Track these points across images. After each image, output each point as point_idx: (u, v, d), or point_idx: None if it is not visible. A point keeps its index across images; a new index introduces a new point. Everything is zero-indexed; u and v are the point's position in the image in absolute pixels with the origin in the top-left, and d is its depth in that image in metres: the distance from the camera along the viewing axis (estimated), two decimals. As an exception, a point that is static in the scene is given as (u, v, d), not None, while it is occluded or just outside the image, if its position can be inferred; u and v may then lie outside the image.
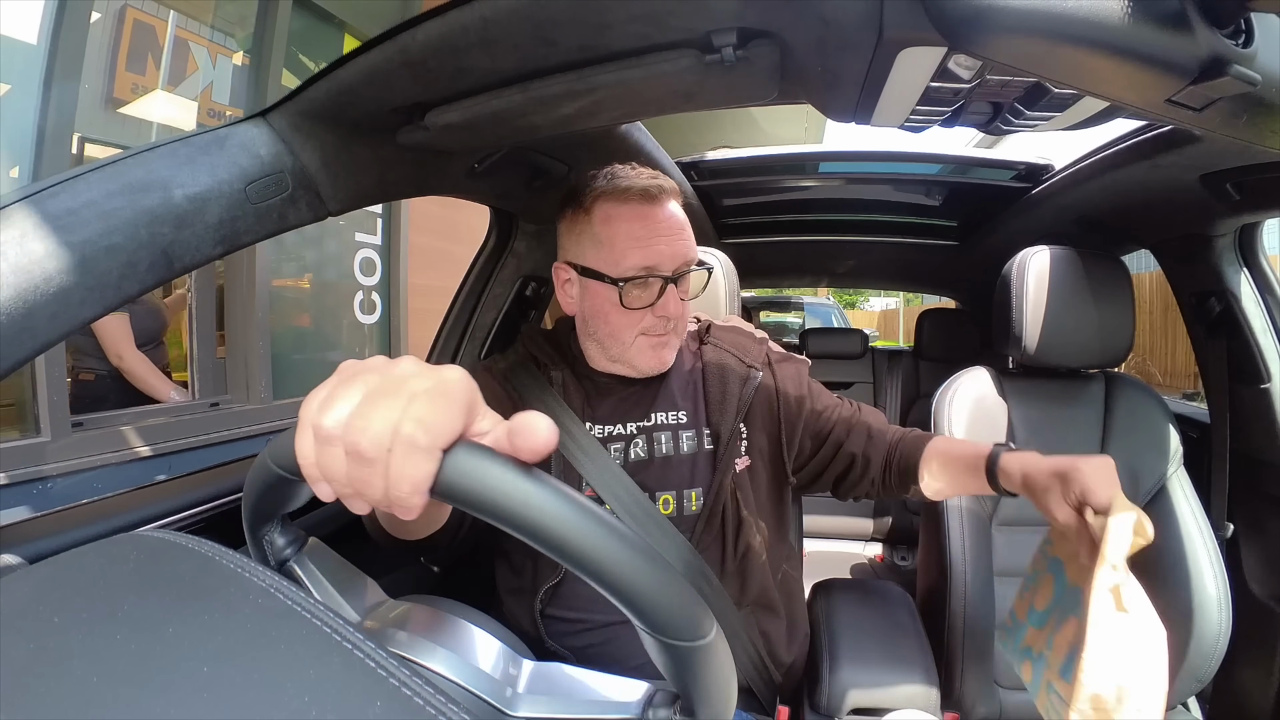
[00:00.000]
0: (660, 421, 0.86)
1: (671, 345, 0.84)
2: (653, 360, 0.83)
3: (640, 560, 0.31)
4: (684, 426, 0.87)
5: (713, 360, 0.90)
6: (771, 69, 0.60)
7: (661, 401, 0.87)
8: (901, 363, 2.48)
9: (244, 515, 0.41)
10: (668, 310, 0.80)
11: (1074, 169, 1.20)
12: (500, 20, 0.55)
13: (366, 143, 0.74)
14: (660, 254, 0.78)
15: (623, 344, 0.82)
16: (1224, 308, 1.16)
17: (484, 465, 0.29)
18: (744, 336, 0.95)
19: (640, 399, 0.87)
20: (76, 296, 0.53)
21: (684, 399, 0.89)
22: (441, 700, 0.24)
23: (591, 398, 0.86)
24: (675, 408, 0.88)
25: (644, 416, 0.86)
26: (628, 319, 0.80)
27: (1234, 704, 1.16)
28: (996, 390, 1.19)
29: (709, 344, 0.93)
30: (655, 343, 0.82)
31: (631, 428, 0.85)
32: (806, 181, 1.65)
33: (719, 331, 0.95)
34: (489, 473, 0.29)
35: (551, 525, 0.29)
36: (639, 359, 0.83)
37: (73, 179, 0.55)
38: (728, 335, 0.94)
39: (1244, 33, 0.44)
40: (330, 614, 0.27)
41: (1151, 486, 1.11)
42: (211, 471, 0.85)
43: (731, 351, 0.91)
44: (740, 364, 0.90)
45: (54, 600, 0.28)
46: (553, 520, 0.29)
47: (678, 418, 0.87)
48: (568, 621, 0.82)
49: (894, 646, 0.97)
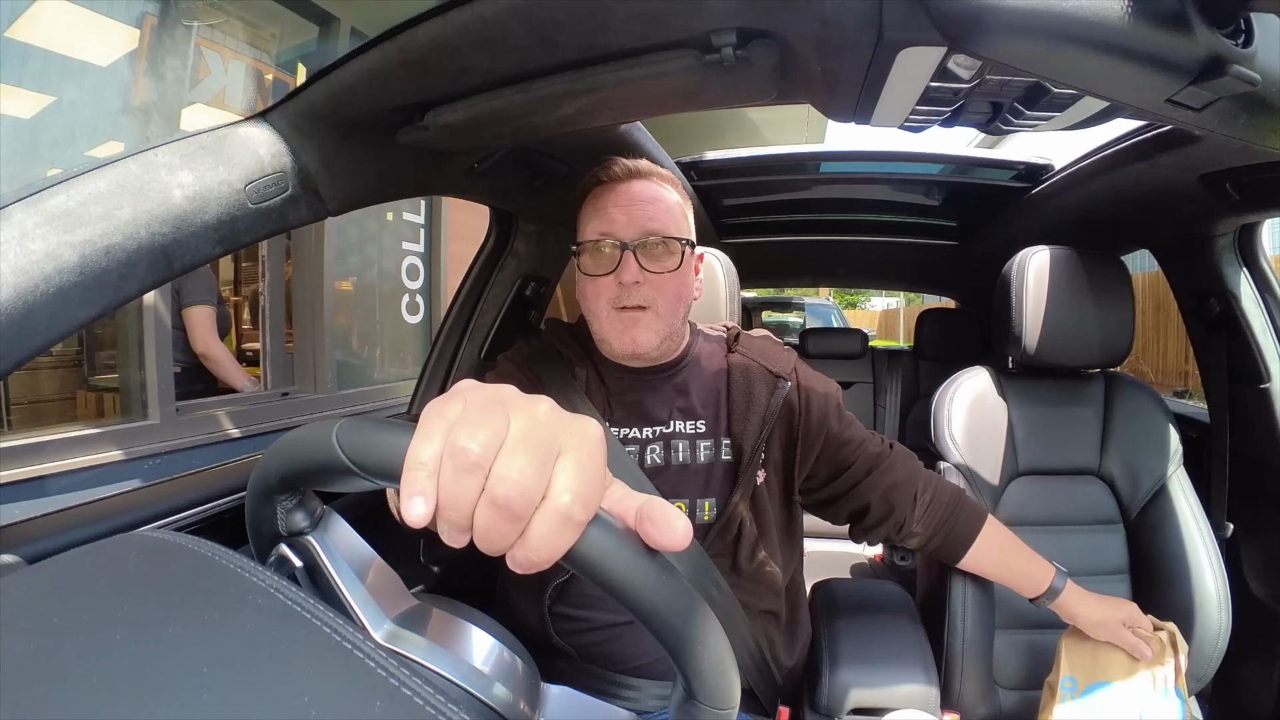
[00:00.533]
0: (678, 429, 0.86)
1: (645, 325, 0.81)
2: (624, 339, 0.81)
3: (711, 636, 0.33)
4: (702, 436, 0.86)
5: (739, 368, 0.89)
6: (771, 69, 0.60)
7: (680, 407, 0.87)
8: (901, 363, 2.48)
9: (259, 478, 0.38)
10: (622, 275, 0.79)
11: (1074, 169, 1.20)
12: (500, 20, 0.55)
13: (366, 142, 0.74)
14: (615, 220, 0.80)
15: (598, 319, 0.82)
16: (1224, 308, 1.16)
17: (620, 549, 0.30)
18: (773, 346, 0.93)
19: (659, 402, 0.87)
20: (76, 296, 0.53)
21: (705, 406, 0.88)
22: (441, 700, 0.24)
23: (612, 397, 0.86)
24: (695, 416, 0.87)
25: (663, 421, 0.86)
26: (594, 288, 0.82)
27: (1234, 703, 1.16)
28: (996, 390, 1.19)
29: (737, 352, 0.91)
30: (624, 319, 0.81)
31: (648, 432, 0.85)
32: (807, 181, 1.65)
33: (748, 340, 0.93)
34: (621, 557, 0.30)
35: (658, 611, 0.32)
36: (612, 336, 0.82)
37: (72, 179, 0.55)
38: (756, 344, 0.92)
39: (1244, 32, 0.44)
40: (331, 614, 0.27)
41: (1151, 486, 1.11)
42: (211, 472, 0.84)
43: (759, 361, 0.89)
44: (768, 374, 0.88)
45: (53, 600, 0.28)
46: (662, 608, 0.32)
47: (696, 427, 0.86)
48: (574, 619, 0.82)
49: (894, 646, 0.97)
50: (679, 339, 0.88)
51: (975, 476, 1.13)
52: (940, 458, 1.15)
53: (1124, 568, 1.12)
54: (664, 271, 0.81)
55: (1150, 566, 1.09)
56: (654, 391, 0.87)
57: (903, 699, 0.90)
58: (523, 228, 1.27)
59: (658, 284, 0.81)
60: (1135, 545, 1.12)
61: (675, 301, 0.83)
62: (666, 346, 0.85)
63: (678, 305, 0.83)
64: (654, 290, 0.81)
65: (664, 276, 0.81)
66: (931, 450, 1.19)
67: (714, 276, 1.15)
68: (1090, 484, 1.16)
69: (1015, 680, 1.08)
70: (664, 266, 0.81)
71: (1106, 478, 1.16)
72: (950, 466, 1.14)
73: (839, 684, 0.91)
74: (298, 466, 0.35)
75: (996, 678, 1.08)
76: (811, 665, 0.96)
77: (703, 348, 0.92)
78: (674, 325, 0.84)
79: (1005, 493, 1.15)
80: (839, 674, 0.92)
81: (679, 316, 0.84)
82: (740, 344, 0.92)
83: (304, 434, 0.35)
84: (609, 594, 0.31)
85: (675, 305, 0.83)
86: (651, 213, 0.81)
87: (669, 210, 0.83)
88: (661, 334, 0.82)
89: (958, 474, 1.13)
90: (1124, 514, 1.14)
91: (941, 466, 1.14)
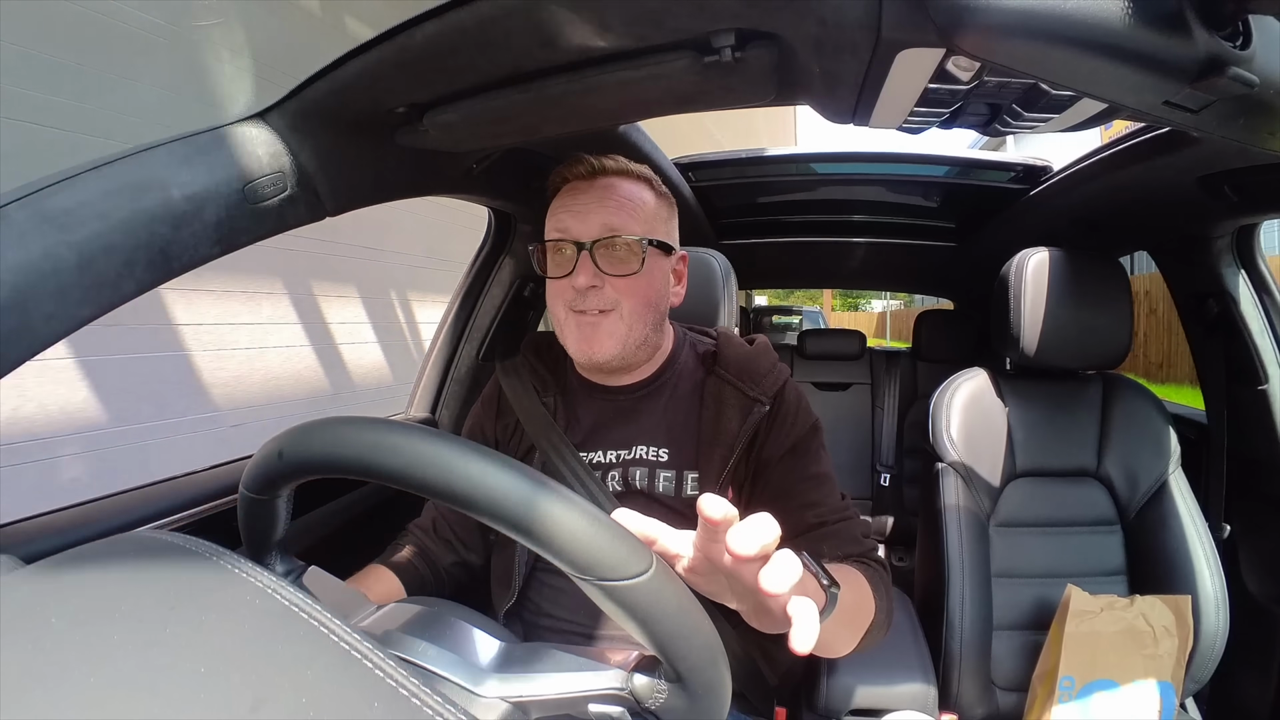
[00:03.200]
0: (640, 456, 0.81)
1: (605, 330, 0.76)
2: (581, 345, 0.77)
3: (552, 500, 0.32)
4: (663, 465, 0.81)
5: (713, 394, 0.82)
6: (770, 70, 0.60)
7: (645, 432, 0.82)
8: (900, 364, 2.48)
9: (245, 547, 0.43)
10: (575, 279, 0.74)
11: (1072, 170, 1.20)
12: (499, 20, 0.54)
13: (365, 143, 0.74)
14: (572, 218, 0.77)
15: (558, 322, 0.79)
16: (1222, 309, 1.16)
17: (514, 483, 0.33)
18: (760, 363, 0.84)
19: (624, 424, 0.83)
20: (75, 296, 0.53)
21: (671, 433, 0.82)
22: (439, 701, 0.24)
23: (576, 420, 0.84)
24: (657, 443, 0.82)
25: (624, 445, 0.82)
26: (554, 290, 0.79)
27: (1232, 704, 1.16)
28: (994, 391, 1.19)
29: (715, 374, 0.83)
30: (582, 323, 0.76)
31: (611, 456, 0.82)
32: (806, 182, 1.65)
33: (730, 357, 0.85)
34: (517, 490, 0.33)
35: (464, 487, 0.33)
36: (570, 342, 0.78)
37: (70, 179, 0.55)
38: (740, 362, 0.84)
39: (1242, 35, 0.44)
40: (327, 615, 0.27)
41: (1149, 488, 1.12)
42: (210, 472, 0.84)
43: (736, 384, 0.81)
44: (743, 399, 0.80)
45: (52, 601, 0.28)
46: (470, 482, 0.33)
47: (658, 454, 0.81)
48: (541, 628, 0.82)
49: (892, 647, 0.97)
50: (651, 349, 0.82)
51: (973, 478, 1.13)
52: (938, 459, 1.16)
53: (1122, 569, 1.13)
54: (624, 275, 0.75)
55: (1148, 568, 1.09)
56: (620, 413, 0.84)
57: (900, 700, 0.90)
58: (521, 228, 1.27)
59: (620, 286, 0.76)
60: (1133, 546, 1.13)
61: (642, 307, 0.77)
62: (636, 356, 0.80)
63: (645, 311, 0.78)
64: (616, 293, 0.76)
65: (625, 280, 0.76)
66: (929, 451, 1.19)
67: (712, 277, 1.15)
68: (1088, 485, 1.16)
69: (1013, 681, 1.08)
70: (624, 269, 0.75)
71: (1104, 479, 1.16)
72: (948, 467, 1.14)
73: (837, 685, 0.91)
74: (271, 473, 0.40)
75: (994, 678, 1.08)
76: (809, 666, 0.96)
77: (685, 365, 0.87)
78: (641, 333, 0.78)
79: (1003, 494, 1.15)
80: (837, 675, 0.92)
81: (647, 324, 0.78)
82: (720, 363, 0.84)
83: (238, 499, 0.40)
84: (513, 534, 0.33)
85: (643, 311, 0.77)
86: (614, 210, 0.76)
87: (636, 209, 0.78)
88: (624, 341, 0.77)
89: (955, 475, 1.13)
90: (1122, 515, 1.14)
91: (940, 468, 1.15)
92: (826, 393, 2.48)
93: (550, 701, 0.40)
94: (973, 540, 1.10)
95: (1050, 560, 0.97)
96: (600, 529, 0.33)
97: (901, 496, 2.37)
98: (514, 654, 0.43)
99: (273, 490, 0.40)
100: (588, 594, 0.34)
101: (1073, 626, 0.95)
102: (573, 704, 0.40)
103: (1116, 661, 0.93)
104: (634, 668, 0.40)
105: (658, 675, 0.39)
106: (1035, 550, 0.97)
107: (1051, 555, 0.99)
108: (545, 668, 0.41)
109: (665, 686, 0.39)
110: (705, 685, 0.37)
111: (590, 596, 0.34)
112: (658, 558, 0.35)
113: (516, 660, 0.42)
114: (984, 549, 1.10)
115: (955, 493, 1.12)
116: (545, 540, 0.32)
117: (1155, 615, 0.94)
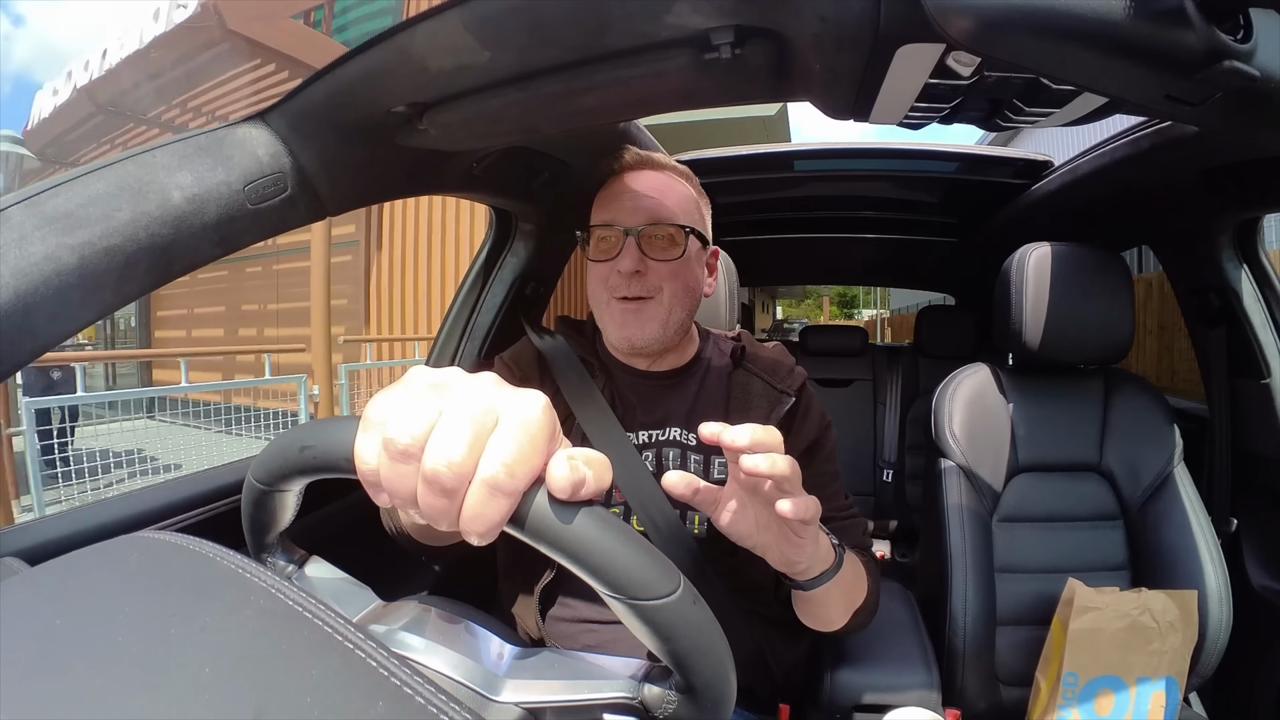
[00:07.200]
0: (673, 438, 0.84)
1: (647, 315, 0.79)
2: (622, 331, 0.80)
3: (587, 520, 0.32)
4: (693, 449, 0.83)
5: (740, 384, 0.85)
6: (769, 67, 0.60)
7: (676, 415, 0.85)
8: (902, 360, 2.48)
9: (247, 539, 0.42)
10: (621, 263, 0.77)
11: (1073, 165, 1.20)
12: (499, 20, 0.55)
13: (365, 143, 0.74)
14: (620, 207, 0.80)
15: (600, 307, 0.82)
16: (1223, 303, 1.16)
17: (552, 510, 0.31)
18: (783, 361, 0.89)
19: (659, 406, 0.85)
20: (76, 298, 0.53)
21: (700, 417, 0.83)
22: (444, 700, 0.24)
23: (614, 398, 0.85)
24: (688, 427, 0.84)
25: (658, 426, 0.84)
26: (597, 274, 0.81)
27: (1235, 699, 1.16)
28: (996, 387, 1.19)
29: (742, 366, 0.87)
30: (624, 309, 0.79)
31: (644, 436, 0.84)
32: (806, 179, 1.65)
33: (755, 354, 0.89)
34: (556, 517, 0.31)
35: (594, 561, 0.32)
36: (611, 327, 0.81)
37: (71, 180, 0.55)
38: (764, 359, 0.88)
39: (1242, 28, 0.44)
40: (332, 614, 0.28)
41: (1152, 482, 1.12)
42: (211, 472, 0.85)
43: (764, 377, 0.85)
44: (770, 390, 0.84)
45: (55, 602, 0.28)
46: (595, 555, 0.32)
47: (687, 438, 0.83)
48: (570, 622, 0.82)
49: (895, 643, 0.97)
50: (684, 334, 0.85)
51: (975, 473, 1.13)
52: (941, 455, 1.16)
53: (1124, 563, 1.13)
54: (668, 260, 0.79)
55: (1151, 562, 1.09)
56: (654, 395, 0.86)
57: (904, 695, 0.91)
58: (522, 227, 1.27)
59: (662, 273, 0.79)
60: (1136, 541, 1.13)
61: (683, 292, 0.81)
62: (671, 342, 0.83)
63: (685, 296, 0.81)
64: (658, 279, 0.79)
65: (668, 265, 0.79)
66: (932, 447, 1.19)
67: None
68: (1091, 480, 1.16)
69: (1016, 675, 1.08)
70: (668, 255, 0.79)
71: (1107, 473, 1.16)
72: (950, 463, 1.14)
73: (841, 681, 0.91)
74: (277, 471, 0.39)
75: (998, 674, 1.08)
76: (813, 662, 0.96)
77: (714, 356, 0.90)
78: (680, 317, 0.81)
79: (1006, 489, 1.15)
80: (840, 671, 0.92)
81: (686, 309, 0.82)
82: (747, 358, 0.88)
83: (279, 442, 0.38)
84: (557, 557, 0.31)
85: (682, 296, 0.81)
86: (658, 200, 0.80)
87: (679, 200, 0.82)
88: (664, 324, 0.80)
89: (958, 470, 1.13)
90: (1124, 510, 1.14)
91: (942, 464, 1.15)
92: (829, 389, 2.47)
93: (562, 708, 0.40)
94: (975, 535, 1.10)
95: (1053, 555, 0.97)
96: (635, 552, 0.33)
97: (903, 493, 2.37)
98: (526, 659, 0.43)
99: (284, 484, 0.39)
100: (613, 610, 0.34)
101: (1076, 623, 0.95)
102: (585, 712, 0.40)
103: (1121, 658, 0.93)
104: (645, 678, 0.41)
105: (668, 686, 0.40)
106: (1038, 545, 0.97)
107: (1054, 550, 0.99)
108: (557, 674, 0.42)
109: (675, 697, 0.39)
110: (715, 698, 0.37)
111: (615, 612, 0.34)
112: (684, 579, 0.35)
113: (528, 666, 0.42)
114: (986, 544, 1.10)
115: (958, 488, 1.12)
116: (580, 559, 0.32)
117: (1161, 610, 0.94)
